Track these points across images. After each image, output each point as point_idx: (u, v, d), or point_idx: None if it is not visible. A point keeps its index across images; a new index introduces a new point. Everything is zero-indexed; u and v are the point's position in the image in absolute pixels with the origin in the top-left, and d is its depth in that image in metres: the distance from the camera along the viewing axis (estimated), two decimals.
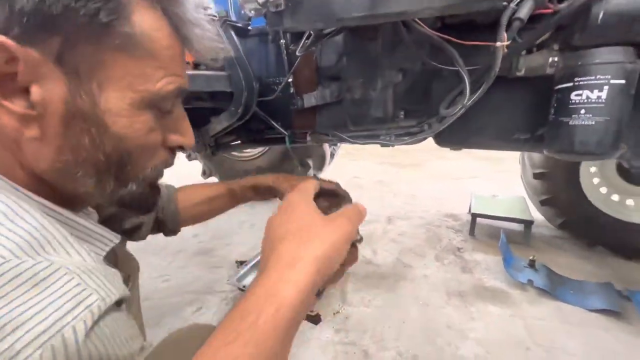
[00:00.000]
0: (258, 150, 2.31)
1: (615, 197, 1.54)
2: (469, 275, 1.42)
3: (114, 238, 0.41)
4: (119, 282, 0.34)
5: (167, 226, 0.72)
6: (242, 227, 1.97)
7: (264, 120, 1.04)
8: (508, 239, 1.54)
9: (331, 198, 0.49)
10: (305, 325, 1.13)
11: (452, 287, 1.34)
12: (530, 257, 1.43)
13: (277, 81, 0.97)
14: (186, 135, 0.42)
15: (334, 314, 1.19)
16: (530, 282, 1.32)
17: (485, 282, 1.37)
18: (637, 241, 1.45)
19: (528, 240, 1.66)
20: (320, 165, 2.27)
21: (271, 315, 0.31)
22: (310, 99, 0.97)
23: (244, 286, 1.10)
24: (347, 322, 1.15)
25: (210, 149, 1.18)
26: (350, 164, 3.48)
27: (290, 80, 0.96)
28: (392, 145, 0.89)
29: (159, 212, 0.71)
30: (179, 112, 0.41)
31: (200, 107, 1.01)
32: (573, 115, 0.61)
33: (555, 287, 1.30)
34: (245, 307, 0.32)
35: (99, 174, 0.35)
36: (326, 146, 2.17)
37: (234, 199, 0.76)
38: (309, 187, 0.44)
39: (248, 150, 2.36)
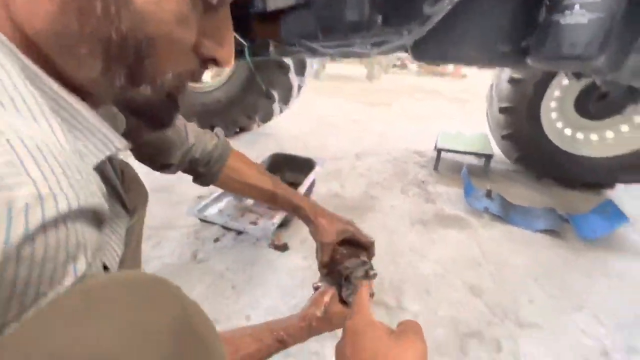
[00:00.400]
0: (217, 80, 2.08)
1: (568, 132, 1.62)
2: (432, 205, 1.48)
3: (119, 142, 0.30)
4: (91, 189, 0.24)
5: (201, 179, 0.66)
6: None
7: None
8: (469, 172, 1.60)
9: (352, 247, 0.63)
10: (274, 254, 1.12)
11: (416, 216, 1.39)
12: (487, 188, 1.51)
13: None
14: (226, 46, 0.32)
15: (301, 242, 1.19)
16: (486, 209, 1.41)
17: (446, 210, 1.44)
18: (581, 172, 1.58)
19: (487, 173, 1.74)
20: (286, 98, 2.12)
21: None
22: (275, 1, 0.81)
23: (205, 217, 1.03)
24: (314, 248, 1.15)
25: None
26: (320, 101, 3.33)
27: None
28: (368, 56, 0.79)
29: (200, 165, 0.63)
30: (225, 16, 0.31)
31: None
32: (566, 12, 0.55)
33: (507, 213, 1.40)
34: None
35: (108, 59, 0.26)
36: (293, 76, 2.00)
37: (270, 201, 0.71)
38: (364, 304, 0.42)
39: (204, 80, 2.11)
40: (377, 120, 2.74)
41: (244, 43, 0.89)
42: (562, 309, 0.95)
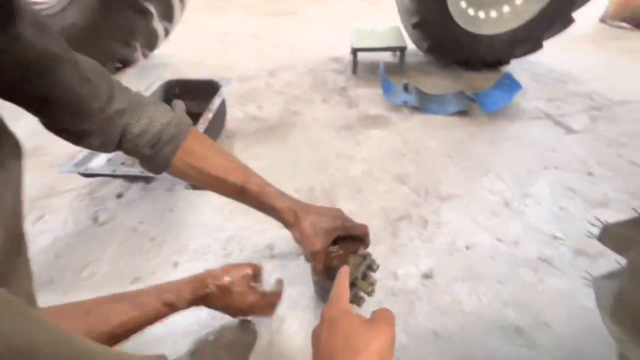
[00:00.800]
0: None
1: (471, 11, 1.62)
2: (355, 109, 1.44)
3: None
4: None
5: (148, 164, 0.52)
6: None
7: None
8: (386, 70, 1.55)
9: (345, 240, 0.57)
10: (193, 194, 1.00)
11: (340, 122, 1.34)
12: (404, 82, 1.50)
13: None
14: None
15: None
16: (405, 103, 1.42)
17: (368, 112, 1.41)
18: (483, 52, 1.65)
19: (402, 69, 1.73)
20: (168, 13, 1.69)
21: None
22: None
23: (86, 170, 0.82)
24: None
25: None
26: (217, 17, 2.81)
27: None
28: None
29: (146, 145, 0.48)
30: None
31: None
32: None
33: (424, 103, 1.43)
34: None
35: None
36: None
37: (238, 197, 0.58)
38: (341, 294, 0.42)
39: None
40: (286, 31, 2.44)
41: None
42: (472, 177, 1.05)
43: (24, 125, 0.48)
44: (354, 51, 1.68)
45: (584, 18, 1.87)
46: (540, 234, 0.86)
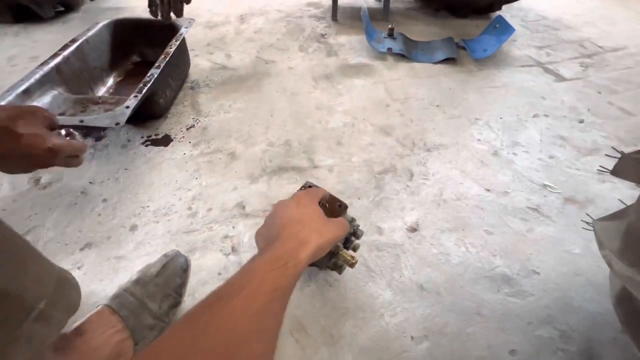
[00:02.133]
0: None
1: None
2: (334, 57, 1.30)
3: None
4: None
5: None
6: (15, 63, 1.25)
7: None
8: (369, 16, 1.40)
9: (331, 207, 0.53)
10: (153, 151, 0.88)
11: (319, 72, 1.21)
12: (389, 26, 1.37)
13: None
14: None
15: (187, 128, 0.95)
16: (389, 50, 1.29)
17: (350, 60, 1.29)
18: (470, 1, 1.53)
19: (387, 15, 1.57)
20: None
21: (292, 266, 0.33)
22: None
23: None
24: (205, 132, 0.94)
25: None
26: None
27: None
28: None
29: None
30: None
31: None
32: None
33: (410, 51, 1.32)
34: (272, 256, 0.33)
35: None
36: None
37: None
38: (318, 193, 0.51)
39: None
40: None
41: None
42: (461, 126, 0.98)
43: None
44: None
45: None
46: (529, 182, 0.81)
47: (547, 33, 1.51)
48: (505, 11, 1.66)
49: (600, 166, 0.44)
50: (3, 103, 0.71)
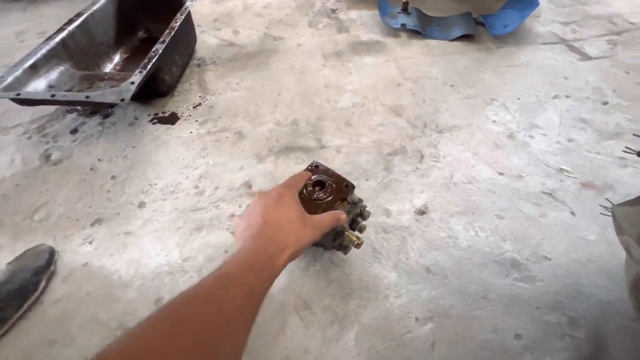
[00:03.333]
0: None
1: None
2: (345, 34, 1.25)
3: None
4: None
5: None
6: (24, 38, 1.25)
7: None
8: None
9: (320, 188, 0.52)
10: (160, 129, 0.87)
11: (328, 49, 1.17)
12: (404, 1, 1.29)
13: None
14: None
15: (194, 107, 0.94)
16: (403, 26, 1.23)
17: (361, 37, 1.23)
18: None
19: None
20: None
21: (269, 274, 0.34)
22: None
23: (17, 94, 0.68)
24: (212, 111, 0.93)
25: None
26: None
27: None
28: None
29: None
30: None
31: None
32: None
33: (425, 27, 1.25)
34: (249, 261, 0.34)
35: None
36: None
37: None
38: (302, 179, 0.50)
39: None
40: None
41: None
42: (475, 107, 0.94)
43: None
44: None
45: None
46: (545, 166, 0.78)
47: (574, 8, 1.41)
48: None
49: (626, 147, 0.42)
50: (11, 78, 0.71)
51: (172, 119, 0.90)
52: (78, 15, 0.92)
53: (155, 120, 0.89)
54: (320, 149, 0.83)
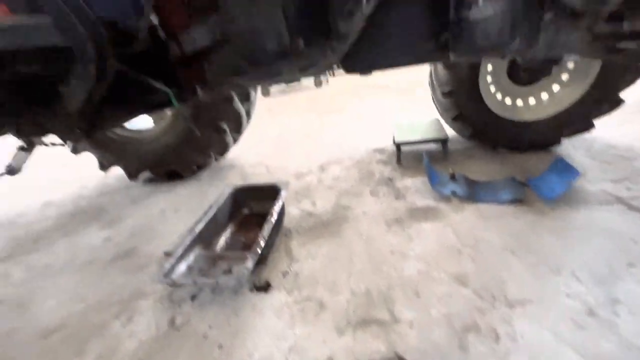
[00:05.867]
0: (161, 124, 1.98)
1: (508, 101, 1.71)
2: (402, 200, 1.49)
3: None
4: None
5: None
6: (165, 215, 1.73)
7: (138, 79, 0.81)
8: (430, 159, 1.64)
9: None
10: (257, 296, 1.07)
11: (389, 215, 1.39)
12: (450, 171, 1.55)
13: (138, 23, 0.74)
14: None
15: (283, 275, 1.14)
16: (453, 193, 1.44)
17: (417, 203, 1.45)
18: (527, 136, 1.68)
19: (447, 156, 1.80)
20: (237, 127, 2.06)
21: None
22: (191, 41, 0.78)
23: (173, 281, 0.96)
24: (297, 279, 1.12)
25: (82, 130, 0.92)
26: (274, 119, 3.30)
27: (154, 20, 0.75)
28: (298, 80, 0.78)
29: None
30: None
31: (33, 77, 0.73)
32: (473, 7, 0.56)
33: (473, 192, 1.44)
34: None
35: None
36: (238, 105, 1.95)
37: None
38: None
39: (146, 126, 2.00)
40: (333, 127, 2.76)
41: (167, 90, 0.84)
42: (542, 276, 0.98)
43: (125, 226, 0.61)
44: (397, 146, 1.81)
45: None
46: None
47: (619, 164, 1.51)
48: (567, 142, 1.75)
49: None
50: (167, 265, 1.01)
51: (266, 286, 1.10)
52: (210, 208, 1.31)
53: (253, 289, 1.10)
54: (394, 323, 0.90)
